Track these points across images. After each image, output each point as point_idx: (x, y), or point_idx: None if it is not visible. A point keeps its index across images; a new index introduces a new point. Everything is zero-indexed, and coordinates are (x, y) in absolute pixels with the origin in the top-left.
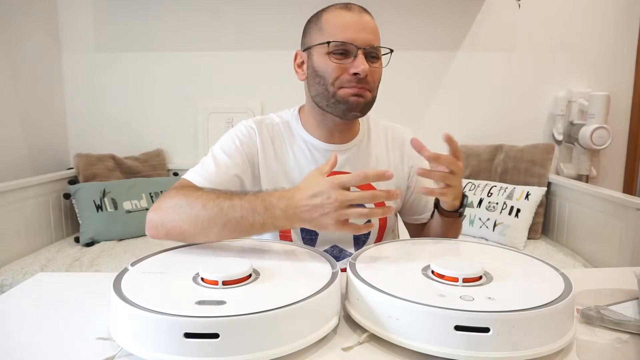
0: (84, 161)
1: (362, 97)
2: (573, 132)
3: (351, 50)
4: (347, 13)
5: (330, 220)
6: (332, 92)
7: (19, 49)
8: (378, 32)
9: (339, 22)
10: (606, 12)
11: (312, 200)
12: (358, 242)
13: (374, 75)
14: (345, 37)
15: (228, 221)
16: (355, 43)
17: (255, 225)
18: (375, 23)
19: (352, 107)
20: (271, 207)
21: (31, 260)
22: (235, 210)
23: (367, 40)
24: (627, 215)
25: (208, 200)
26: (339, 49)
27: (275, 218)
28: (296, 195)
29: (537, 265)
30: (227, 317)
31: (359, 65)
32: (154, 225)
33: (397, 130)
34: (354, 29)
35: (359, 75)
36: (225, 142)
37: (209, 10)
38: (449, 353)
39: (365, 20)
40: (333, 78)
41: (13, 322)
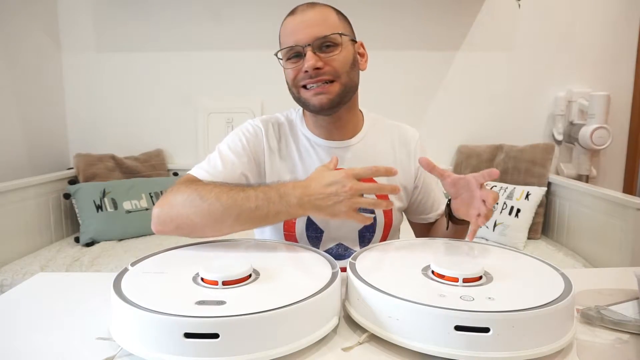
0: (84, 161)
1: (325, 93)
2: (573, 132)
3: (300, 52)
4: (291, 18)
5: (344, 207)
6: (296, 94)
7: (19, 49)
8: (330, 20)
9: (286, 31)
10: (606, 12)
11: (328, 189)
12: (363, 241)
13: (333, 63)
14: (289, 41)
15: (242, 212)
16: (299, 43)
17: (270, 215)
18: (329, 12)
19: (318, 106)
20: (286, 196)
21: (31, 260)
22: (250, 200)
23: (310, 35)
24: (627, 215)
25: (221, 192)
26: (290, 55)
27: (290, 206)
28: (311, 184)
29: (537, 265)
30: (227, 317)
31: (305, 62)
32: (162, 220)
33: (404, 129)
34: (297, 30)
35: (308, 72)
36: (232, 140)
37: (209, 10)
38: (449, 353)
39: (307, 17)
40: (292, 81)
41: (13, 322)
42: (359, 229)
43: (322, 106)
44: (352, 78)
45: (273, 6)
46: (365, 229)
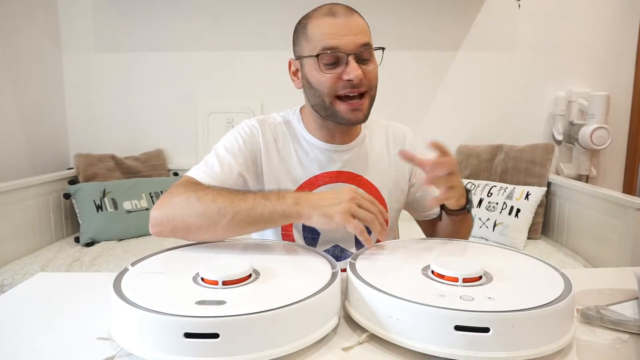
0: (84, 161)
1: (360, 110)
2: (573, 132)
3: (341, 58)
4: (332, 19)
5: (339, 209)
6: (329, 102)
7: (19, 49)
8: (368, 30)
9: (324, 31)
10: (606, 12)
11: (328, 194)
12: (359, 242)
13: (369, 76)
14: (332, 45)
15: (237, 212)
16: (343, 50)
17: (264, 214)
18: (364, 21)
19: (353, 122)
20: (283, 196)
21: (31, 260)
22: (246, 201)
23: (355, 44)
24: (627, 215)
25: (218, 194)
26: (330, 60)
27: (286, 204)
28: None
29: (537, 265)
30: (227, 317)
31: (351, 72)
32: (159, 222)
33: (398, 128)
34: (340, 34)
35: (352, 81)
36: (229, 141)
37: (209, 11)
38: (449, 353)
39: (351, 22)
40: (327, 89)
41: (13, 322)
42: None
43: (357, 122)
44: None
45: (273, 6)
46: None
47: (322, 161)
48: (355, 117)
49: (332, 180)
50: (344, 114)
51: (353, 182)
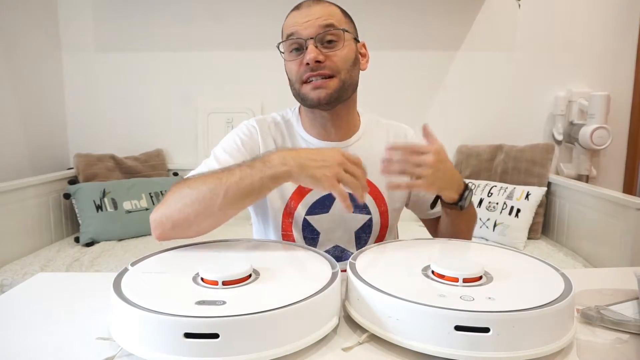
0: (84, 161)
1: (324, 88)
2: (573, 132)
3: (302, 44)
4: (296, 12)
5: (328, 172)
6: (297, 89)
7: (19, 49)
8: (335, 15)
9: (289, 23)
10: (606, 12)
11: (316, 155)
12: (360, 242)
13: (334, 59)
14: (291, 32)
15: (228, 187)
16: (301, 36)
17: (255, 183)
18: (334, 8)
19: (316, 101)
20: (268, 159)
21: (31, 260)
22: (234, 174)
23: (313, 27)
24: (627, 215)
25: (207, 177)
26: (291, 48)
27: (273, 167)
28: (302, 150)
29: (537, 265)
30: (227, 317)
31: (306, 55)
32: (159, 222)
33: (399, 127)
34: (300, 23)
35: (309, 65)
36: (227, 142)
37: (209, 10)
38: (449, 353)
39: (312, 11)
40: (294, 75)
41: (13, 322)
42: (355, 230)
43: (320, 100)
44: (352, 75)
45: (273, 6)
46: (361, 230)
47: None
48: (318, 95)
49: None
50: (307, 94)
51: None
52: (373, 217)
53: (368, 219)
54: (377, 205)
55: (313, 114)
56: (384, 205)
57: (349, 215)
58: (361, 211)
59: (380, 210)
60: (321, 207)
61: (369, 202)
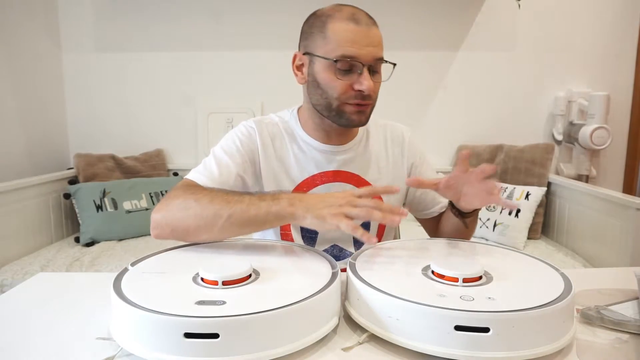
0: (84, 161)
1: (364, 113)
2: (573, 132)
3: (356, 67)
4: (355, 27)
5: (332, 210)
6: (336, 106)
7: (19, 49)
8: (382, 43)
9: (347, 37)
10: (606, 12)
11: (325, 198)
12: (357, 242)
13: (376, 88)
14: (352, 53)
15: (233, 213)
16: (361, 60)
17: (260, 215)
18: (380, 33)
19: (357, 123)
20: (278, 197)
21: (31, 260)
22: (242, 202)
23: (372, 56)
24: (627, 215)
25: (216, 195)
26: (344, 66)
27: (280, 205)
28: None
29: (537, 265)
30: (227, 317)
31: (364, 82)
32: (158, 224)
33: (396, 128)
34: (361, 44)
35: (363, 92)
36: (226, 143)
37: (209, 10)
38: (449, 353)
39: (372, 34)
40: (338, 94)
41: (13, 322)
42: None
43: (360, 124)
44: None
45: (273, 6)
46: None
47: (319, 161)
48: (359, 119)
49: (329, 180)
50: (350, 115)
51: (351, 182)
52: None
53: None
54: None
55: (322, 120)
56: None
57: None
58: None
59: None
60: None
61: None
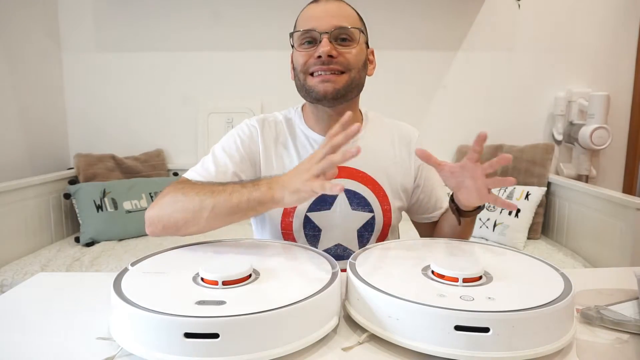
0: (84, 161)
1: (332, 82)
2: (573, 132)
3: (316, 37)
4: (313, 5)
5: (303, 177)
6: (303, 80)
7: (19, 49)
8: (350, 15)
9: (305, 15)
10: (606, 12)
11: (293, 171)
12: (362, 240)
13: (347, 56)
14: (307, 26)
15: (217, 203)
16: (317, 29)
17: (242, 202)
18: (350, 9)
19: (322, 93)
20: (258, 182)
21: (31, 260)
22: (225, 191)
23: (330, 24)
24: (627, 215)
25: (202, 188)
26: (305, 39)
27: (260, 190)
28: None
29: (537, 265)
30: (227, 317)
31: (320, 48)
32: (151, 222)
33: (404, 128)
34: (317, 17)
35: (321, 57)
36: (227, 141)
37: (209, 10)
38: (449, 353)
39: (330, 7)
40: (301, 66)
41: (13, 322)
42: (357, 229)
43: (327, 94)
44: (361, 76)
45: (273, 6)
46: (363, 228)
47: None
48: (325, 88)
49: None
50: (314, 87)
51: (355, 178)
52: (375, 215)
53: (370, 217)
54: (380, 203)
55: (317, 109)
56: (387, 204)
57: (351, 213)
58: (363, 209)
59: (383, 208)
60: (323, 204)
61: (371, 200)
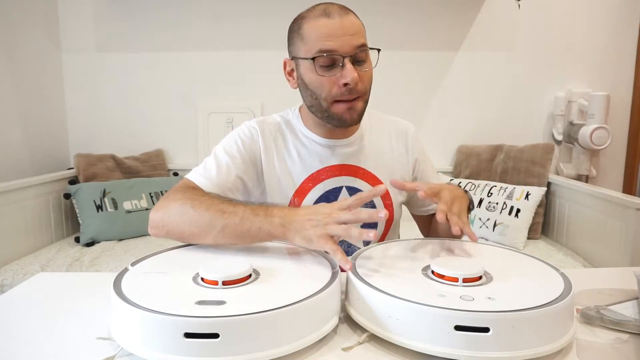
0: (84, 161)
1: (355, 110)
2: (573, 132)
3: (337, 60)
4: (327, 20)
5: (316, 232)
6: (326, 106)
7: (19, 49)
8: (363, 30)
9: (320, 32)
10: (606, 12)
11: (311, 215)
12: None
13: (364, 79)
14: (329, 47)
15: (226, 225)
16: (339, 52)
17: (252, 230)
18: (359, 20)
19: (346, 121)
20: (271, 214)
21: (31, 260)
22: (236, 214)
23: (351, 45)
24: (627, 215)
25: (212, 204)
26: (326, 62)
27: (272, 224)
28: (302, 209)
29: (537, 265)
30: (227, 317)
31: (347, 75)
32: (156, 224)
33: (400, 123)
34: (335, 36)
35: (349, 85)
36: (228, 143)
37: (209, 10)
38: (449, 353)
39: (346, 23)
40: (325, 93)
41: (13, 322)
42: (360, 225)
43: (352, 122)
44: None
45: (273, 6)
46: (367, 224)
47: (323, 156)
48: (351, 117)
49: (334, 174)
50: (340, 115)
51: (355, 175)
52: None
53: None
54: (382, 198)
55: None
56: (389, 199)
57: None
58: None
59: (385, 203)
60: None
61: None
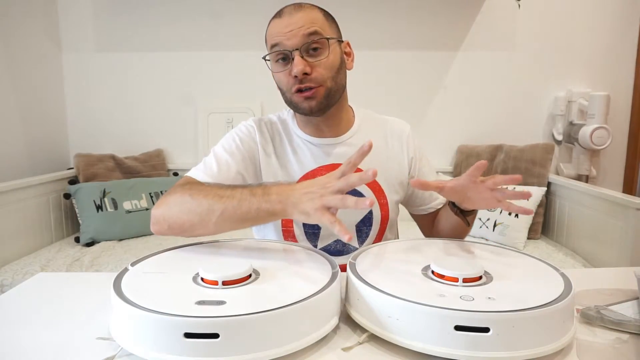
0: (84, 161)
1: (313, 98)
2: (573, 132)
3: (287, 55)
4: (278, 20)
5: (314, 205)
6: (289, 98)
7: (19, 49)
8: (319, 22)
9: (271, 32)
10: (606, 12)
11: (308, 188)
12: (361, 235)
13: (319, 69)
14: (274, 42)
15: (225, 208)
16: (285, 45)
17: (251, 210)
18: (316, 13)
19: (308, 111)
20: (268, 192)
21: (31, 260)
22: (234, 197)
23: (297, 38)
24: (627, 215)
25: (210, 191)
26: (277, 58)
27: (270, 202)
28: (298, 184)
29: (537, 265)
30: (227, 317)
31: (294, 67)
32: (157, 220)
33: (396, 122)
34: (283, 32)
35: (297, 77)
36: (227, 141)
37: (209, 10)
38: (449, 353)
39: (294, 20)
40: (284, 86)
41: (13, 322)
42: (356, 224)
43: (312, 110)
44: (338, 81)
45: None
46: (362, 223)
47: (317, 155)
48: (309, 105)
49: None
50: (300, 105)
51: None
52: (373, 209)
53: (368, 212)
54: (377, 197)
55: (305, 116)
56: (384, 198)
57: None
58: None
59: (380, 202)
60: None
61: (368, 195)
